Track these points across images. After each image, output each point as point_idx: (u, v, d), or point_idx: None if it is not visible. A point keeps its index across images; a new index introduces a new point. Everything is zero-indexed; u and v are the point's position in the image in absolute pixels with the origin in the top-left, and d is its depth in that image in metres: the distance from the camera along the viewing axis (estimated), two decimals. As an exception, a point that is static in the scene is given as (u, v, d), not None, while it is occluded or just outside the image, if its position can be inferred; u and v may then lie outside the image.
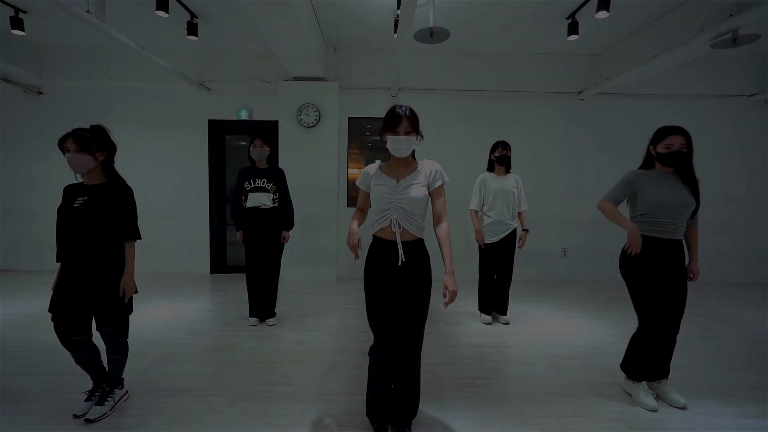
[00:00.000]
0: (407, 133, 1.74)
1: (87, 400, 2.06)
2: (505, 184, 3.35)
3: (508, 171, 3.41)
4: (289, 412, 2.09)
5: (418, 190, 1.75)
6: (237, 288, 4.54)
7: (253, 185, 3.20)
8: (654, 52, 3.78)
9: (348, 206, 5.22)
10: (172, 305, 3.89)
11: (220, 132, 5.29)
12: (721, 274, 5.23)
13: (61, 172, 5.11)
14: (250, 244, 3.28)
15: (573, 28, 3.80)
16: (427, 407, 2.11)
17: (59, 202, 1.94)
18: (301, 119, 4.79)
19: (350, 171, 5.26)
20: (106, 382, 2.09)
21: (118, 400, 2.11)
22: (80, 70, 4.92)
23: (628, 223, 2.15)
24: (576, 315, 3.82)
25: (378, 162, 1.98)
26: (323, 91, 4.78)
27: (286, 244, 3.39)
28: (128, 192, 2.02)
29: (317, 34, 4.20)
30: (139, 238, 2.05)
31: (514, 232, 3.42)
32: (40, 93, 5.18)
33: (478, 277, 3.59)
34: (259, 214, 3.21)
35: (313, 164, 4.86)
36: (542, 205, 5.11)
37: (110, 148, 2.01)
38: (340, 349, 2.92)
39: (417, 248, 1.78)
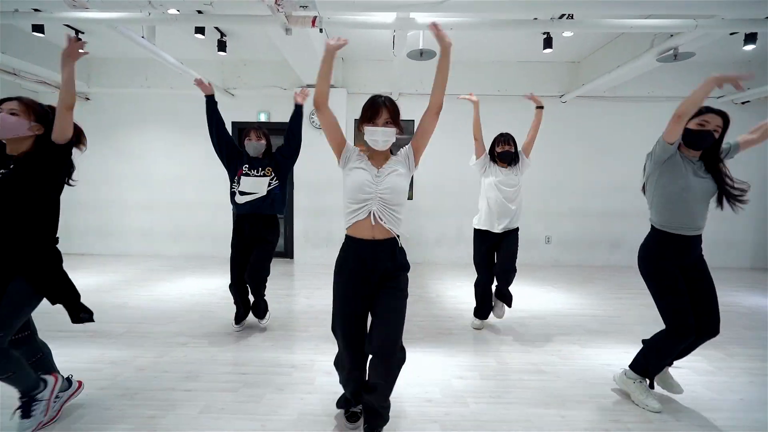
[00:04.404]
0: (386, 124, 1.64)
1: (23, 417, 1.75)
2: (509, 176, 3.09)
3: (510, 165, 3.11)
4: (307, 346, 2.81)
5: (399, 179, 1.67)
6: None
7: (246, 171, 2.90)
8: (617, 63, 4.37)
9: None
10: (207, 279, 4.64)
11: (242, 132, 5.99)
12: (727, 259, 5.76)
13: (102, 167, 5.92)
14: (239, 247, 2.91)
15: (548, 43, 4.39)
16: (411, 346, 2.77)
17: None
18: (313, 121, 5.48)
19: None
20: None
21: (68, 398, 1.96)
22: (123, 79, 5.66)
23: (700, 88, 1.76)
24: (548, 290, 4.46)
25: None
26: (333, 97, 5.43)
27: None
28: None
29: (328, 48, 4.87)
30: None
31: (515, 231, 3.03)
32: (87, 99, 5.94)
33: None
34: (253, 213, 2.89)
35: (325, 160, 5.51)
36: (528, 196, 5.71)
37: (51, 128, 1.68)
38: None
39: (392, 246, 1.69)
